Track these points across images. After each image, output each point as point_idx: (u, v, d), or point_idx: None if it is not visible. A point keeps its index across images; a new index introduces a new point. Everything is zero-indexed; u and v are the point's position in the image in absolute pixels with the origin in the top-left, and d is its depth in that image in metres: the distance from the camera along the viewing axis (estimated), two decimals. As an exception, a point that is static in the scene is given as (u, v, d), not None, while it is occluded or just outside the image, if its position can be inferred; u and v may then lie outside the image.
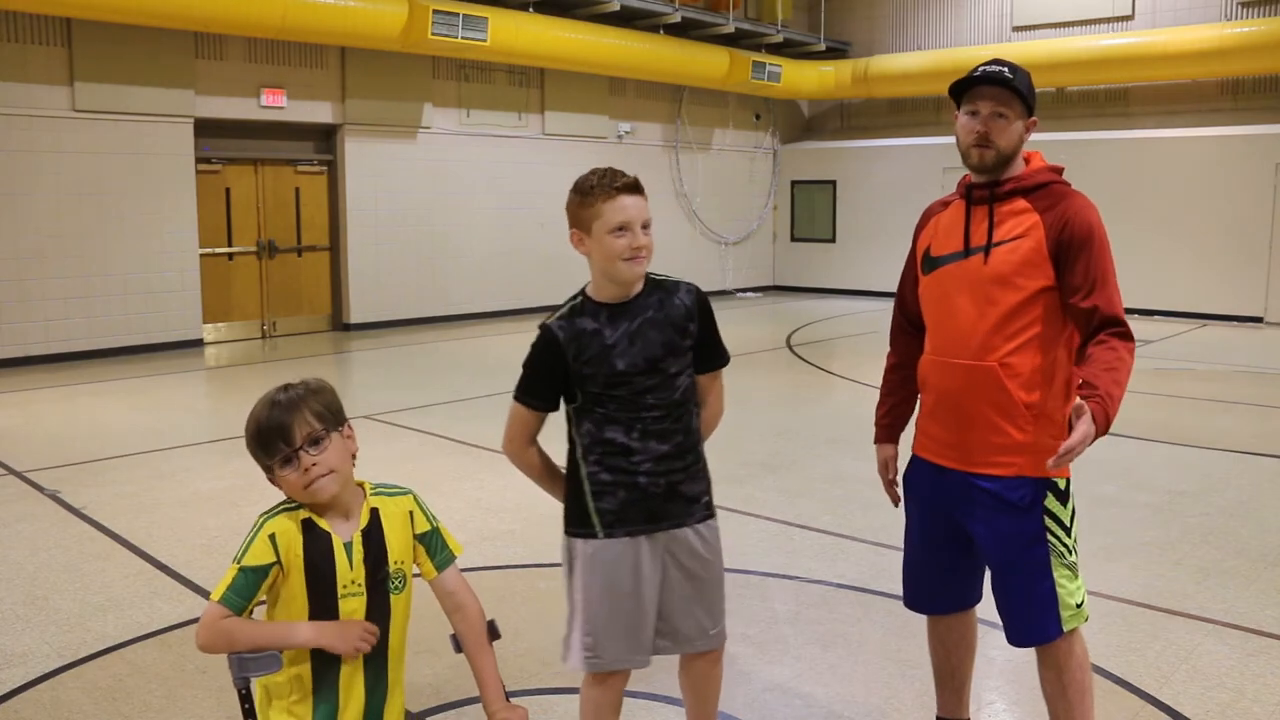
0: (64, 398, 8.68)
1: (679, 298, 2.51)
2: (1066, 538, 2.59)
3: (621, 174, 2.41)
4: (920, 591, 2.87)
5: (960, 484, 2.64)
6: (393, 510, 2.18)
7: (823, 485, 5.99)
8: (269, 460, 2.05)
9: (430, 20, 11.51)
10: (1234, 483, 6.06)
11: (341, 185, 12.62)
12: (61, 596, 4.31)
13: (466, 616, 2.24)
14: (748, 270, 17.96)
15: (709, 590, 2.57)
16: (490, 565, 4.68)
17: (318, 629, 2.03)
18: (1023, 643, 2.66)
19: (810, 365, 10.55)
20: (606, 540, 2.46)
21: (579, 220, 2.43)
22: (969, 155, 2.63)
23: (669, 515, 2.49)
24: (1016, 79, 2.57)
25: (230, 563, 2.05)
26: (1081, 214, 2.54)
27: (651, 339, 2.44)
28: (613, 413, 2.44)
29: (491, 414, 8.10)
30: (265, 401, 2.08)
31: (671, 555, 2.51)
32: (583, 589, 2.49)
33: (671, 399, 2.46)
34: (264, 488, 2.18)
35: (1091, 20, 15.13)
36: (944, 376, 2.66)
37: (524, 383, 2.51)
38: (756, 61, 15.70)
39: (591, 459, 2.48)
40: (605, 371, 2.41)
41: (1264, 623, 4.01)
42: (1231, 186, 13.78)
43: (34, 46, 10.10)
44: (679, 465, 2.49)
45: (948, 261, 2.67)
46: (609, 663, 2.50)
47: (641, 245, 2.39)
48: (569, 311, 2.48)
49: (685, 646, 2.58)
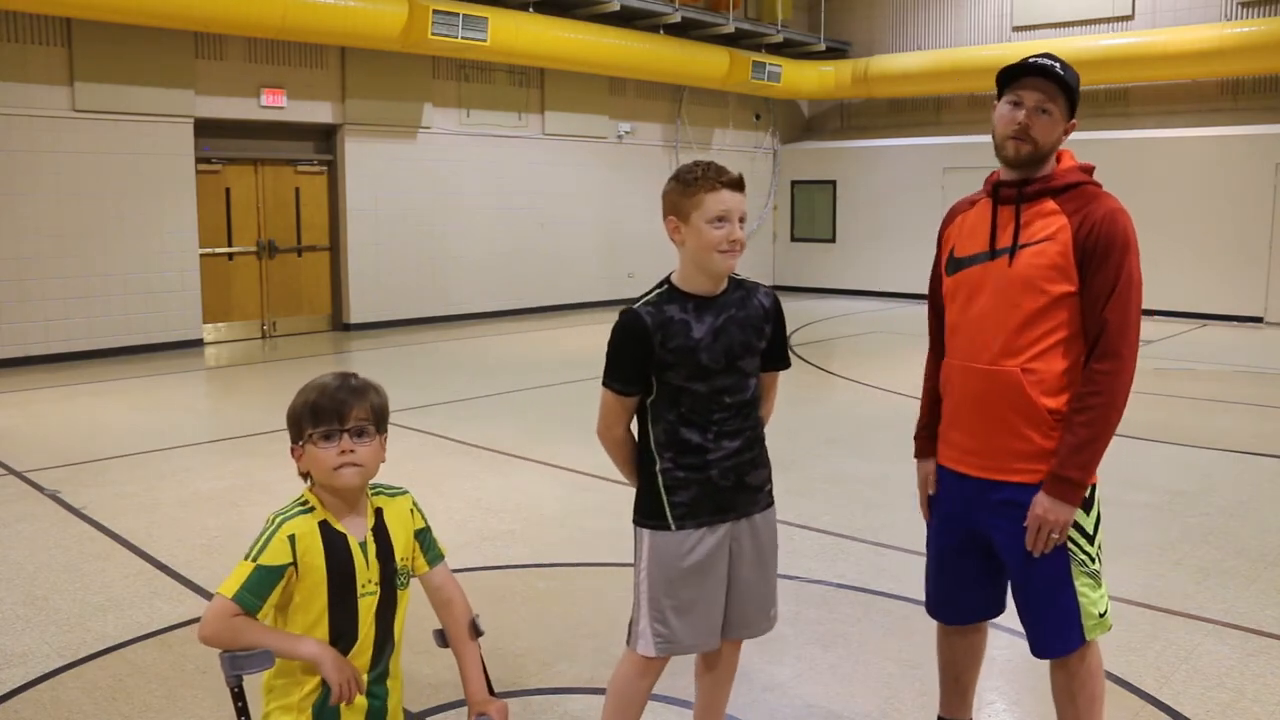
0: (64, 398, 8.68)
1: (758, 298, 2.61)
2: (1089, 546, 2.53)
3: (726, 169, 2.47)
4: (943, 601, 2.80)
5: (982, 491, 2.59)
6: (395, 509, 2.23)
7: (823, 485, 5.99)
8: (313, 429, 2.07)
9: (430, 20, 11.51)
10: (1234, 483, 6.06)
11: (341, 185, 12.62)
12: (61, 596, 4.31)
13: (454, 612, 2.29)
14: (748, 270, 17.29)
15: (769, 574, 2.68)
16: (490, 565, 4.68)
17: (322, 649, 2.04)
18: (1046, 654, 2.59)
19: (810, 365, 10.55)
20: (678, 532, 2.53)
21: (678, 208, 2.48)
22: (1004, 147, 2.53)
23: (736, 505, 2.58)
24: (1067, 75, 2.49)
25: (242, 559, 2.04)
26: (1111, 219, 2.44)
27: (734, 336, 2.52)
28: (688, 413, 2.50)
29: (492, 414, 8.14)
30: (334, 376, 2.12)
31: (738, 542, 2.59)
32: (652, 578, 2.55)
33: (744, 398, 2.55)
34: (264, 487, 2.18)
35: (1091, 20, 15.14)
36: (966, 381, 2.60)
37: (610, 368, 2.53)
38: (756, 61, 15.70)
39: (666, 456, 2.54)
40: (689, 362, 2.46)
41: (1264, 623, 4.01)
42: (1231, 186, 13.78)
43: (34, 46, 10.11)
44: (748, 457, 2.58)
45: (973, 263, 2.60)
46: (681, 647, 2.58)
47: (738, 239, 2.46)
48: (656, 298, 2.52)
49: (749, 630, 2.68)
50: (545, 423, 7.59)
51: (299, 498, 2.15)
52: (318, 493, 2.13)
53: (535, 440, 7.03)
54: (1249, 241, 13.75)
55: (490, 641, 3.78)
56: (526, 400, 8.59)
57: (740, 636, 2.70)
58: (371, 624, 2.13)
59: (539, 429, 7.39)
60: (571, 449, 6.70)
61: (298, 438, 2.10)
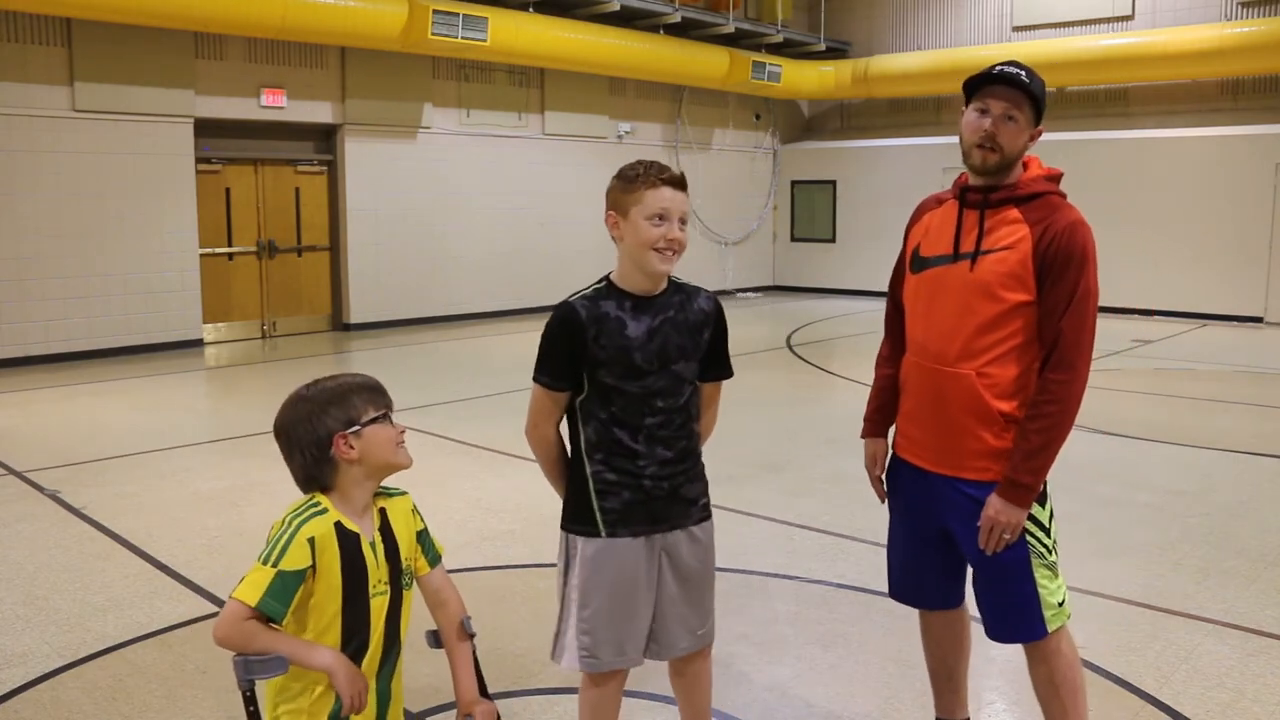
0: (64, 398, 8.68)
1: (699, 303, 2.54)
2: (1046, 538, 2.60)
3: (667, 167, 2.44)
4: (905, 584, 2.90)
5: (939, 486, 2.66)
6: (397, 509, 2.24)
7: (823, 485, 5.99)
8: (377, 410, 2.13)
9: (430, 20, 11.51)
10: (1234, 483, 6.06)
11: (341, 185, 12.62)
12: (61, 596, 4.31)
13: (449, 613, 2.30)
14: (748, 270, 17.95)
15: (700, 590, 2.59)
16: (490, 565, 4.68)
17: (336, 660, 2.03)
18: (1004, 639, 2.67)
19: (810, 365, 10.55)
20: (609, 540, 2.46)
21: (618, 204, 2.44)
22: (970, 155, 2.59)
23: (670, 517, 2.51)
24: (1033, 83, 2.54)
25: (258, 564, 2.01)
26: (1071, 231, 2.49)
27: (670, 338, 2.46)
28: (619, 414, 2.44)
29: (491, 414, 8.13)
30: (333, 378, 2.18)
31: (668, 556, 2.52)
32: (580, 588, 2.48)
33: (677, 404, 2.48)
34: (264, 487, 2.18)
35: (1091, 20, 15.13)
36: (923, 381, 2.67)
37: (541, 361, 2.48)
38: (756, 61, 15.70)
39: (597, 458, 2.47)
40: (622, 361, 2.41)
41: (1264, 623, 4.01)
42: (1231, 186, 13.77)
43: (34, 46, 10.10)
44: (681, 469, 2.51)
45: (936, 264, 2.65)
46: (605, 663, 2.50)
47: (675, 238, 2.41)
48: (593, 293, 2.47)
49: (671, 652, 2.58)
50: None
51: (309, 499, 2.13)
52: (331, 495, 2.13)
53: (535, 440, 7.01)
54: (1249, 241, 13.75)
55: (490, 641, 3.79)
56: (526, 400, 8.56)
57: (662, 657, 2.58)
58: (382, 624, 2.13)
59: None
60: (571, 449, 6.68)
61: (352, 423, 2.10)
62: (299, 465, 2.13)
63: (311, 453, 2.10)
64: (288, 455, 2.15)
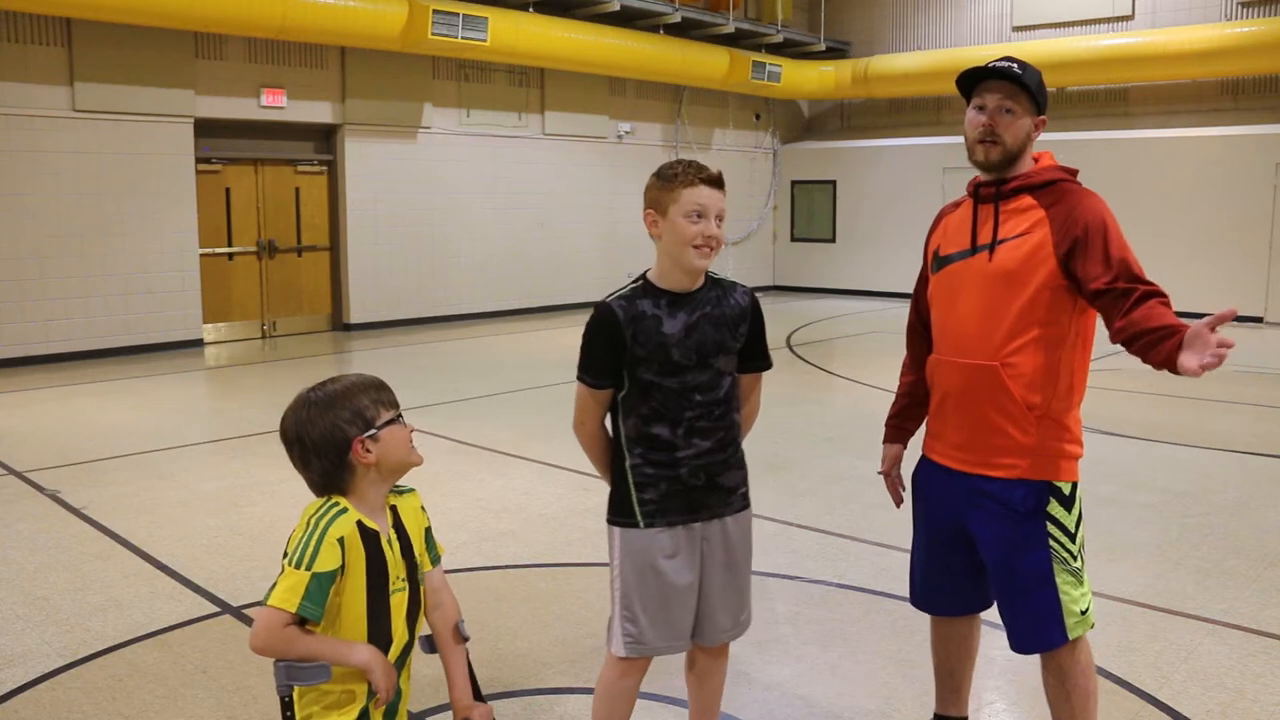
0: (64, 398, 8.68)
1: (735, 297, 2.61)
2: (1071, 544, 2.56)
3: (705, 166, 2.50)
4: (927, 592, 2.86)
5: (965, 486, 2.64)
6: (407, 506, 2.25)
7: (823, 485, 5.99)
8: (389, 411, 2.13)
9: (430, 20, 11.51)
10: (1234, 483, 6.06)
11: (341, 185, 12.62)
12: (61, 596, 4.31)
13: (445, 614, 2.30)
14: (748, 270, 17.94)
15: (741, 578, 2.65)
16: (490, 565, 4.67)
17: (373, 656, 2.05)
18: (1026, 649, 2.63)
19: (810, 365, 10.55)
20: (647, 530, 2.52)
21: (656, 202, 2.50)
22: (974, 151, 2.61)
23: (707, 506, 2.56)
24: (1025, 74, 2.56)
25: (289, 568, 2.00)
26: (1090, 208, 2.51)
27: (707, 334, 2.51)
28: (659, 408, 2.49)
29: (492, 414, 8.14)
30: (335, 380, 2.18)
31: (708, 544, 2.57)
32: (623, 577, 2.55)
33: (716, 396, 2.53)
34: (264, 487, 2.18)
35: (1091, 20, 15.14)
36: (948, 376, 2.66)
37: (584, 361, 2.54)
38: (756, 61, 15.70)
39: (636, 452, 2.53)
40: (660, 357, 2.46)
41: (1264, 623, 4.01)
42: (1231, 186, 13.78)
43: (34, 46, 10.10)
44: (720, 458, 2.56)
45: (955, 260, 2.66)
46: (649, 649, 2.56)
47: (713, 235, 2.45)
48: (630, 292, 2.53)
49: (718, 636, 2.65)
50: (545, 423, 7.58)
51: (327, 500, 2.10)
52: (349, 496, 2.12)
53: (535, 440, 7.02)
54: (1249, 242, 13.75)
55: (490, 641, 3.79)
56: (526, 400, 8.59)
57: (710, 642, 2.65)
58: (402, 621, 2.15)
59: (539, 429, 7.39)
60: (571, 449, 6.64)
61: (365, 429, 2.09)
62: (317, 472, 2.11)
63: (330, 459, 2.08)
64: (303, 463, 2.11)
